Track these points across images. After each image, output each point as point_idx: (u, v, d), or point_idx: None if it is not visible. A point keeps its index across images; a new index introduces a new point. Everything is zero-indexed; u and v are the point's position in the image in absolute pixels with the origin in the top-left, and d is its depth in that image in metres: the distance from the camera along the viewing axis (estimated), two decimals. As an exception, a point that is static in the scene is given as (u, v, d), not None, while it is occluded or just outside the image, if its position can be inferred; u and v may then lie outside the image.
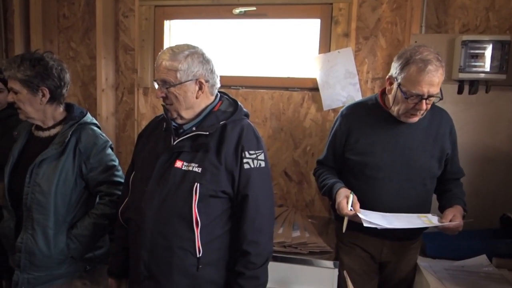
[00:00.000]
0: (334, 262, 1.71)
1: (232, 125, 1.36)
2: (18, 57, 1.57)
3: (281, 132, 2.26)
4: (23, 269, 1.58)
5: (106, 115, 2.45)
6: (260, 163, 1.35)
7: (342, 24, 2.11)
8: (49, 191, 1.55)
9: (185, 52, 1.33)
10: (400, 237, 1.62)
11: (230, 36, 2.35)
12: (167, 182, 1.31)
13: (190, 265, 1.30)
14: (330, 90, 2.13)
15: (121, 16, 2.45)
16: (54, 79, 1.58)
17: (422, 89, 1.43)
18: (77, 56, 2.57)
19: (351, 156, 1.63)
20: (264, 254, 1.34)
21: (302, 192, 2.26)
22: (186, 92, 1.33)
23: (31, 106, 1.58)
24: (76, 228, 1.61)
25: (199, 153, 1.32)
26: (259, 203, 1.33)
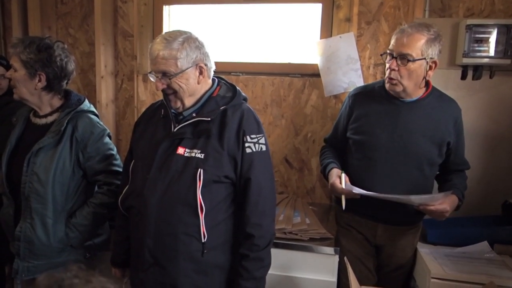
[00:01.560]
0: (335, 248, 1.71)
1: (233, 110, 1.35)
2: (29, 38, 1.58)
3: (281, 118, 2.24)
4: (22, 257, 1.59)
5: (106, 102, 2.43)
6: (261, 147, 1.36)
7: (344, 9, 2.07)
8: (46, 180, 1.55)
9: (180, 39, 1.29)
10: (395, 221, 1.64)
11: (230, 22, 2.32)
12: (170, 168, 1.31)
13: (195, 250, 1.31)
14: (332, 76, 2.10)
15: (120, 1, 2.42)
16: (55, 68, 1.58)
17: (393, 46, 1.51)
18: (76, 43, 2.54)
19: (351, 136, 1.66)
20: (267, 236, 1.36)
21: (303, 179, 2.25)
22: (188, 80, 1.32)
23: (25, 87, 1.58)
24: (75, 217, 1.61)
25: (200, 139, 1.32)
26: (262, 186, 1.34)
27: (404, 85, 1.52)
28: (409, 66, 1.48)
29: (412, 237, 1.71)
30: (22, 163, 1.56)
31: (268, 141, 2.20)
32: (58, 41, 1.65)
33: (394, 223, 1.65)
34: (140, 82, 2.43)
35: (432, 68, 1.52)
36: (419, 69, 1.49)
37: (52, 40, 1.62)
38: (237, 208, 1.38)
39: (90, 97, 2.54)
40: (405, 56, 1.48)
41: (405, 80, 1.51)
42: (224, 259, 1.37)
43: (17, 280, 1.63)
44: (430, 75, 1.53)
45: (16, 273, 1.60)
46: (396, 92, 1.55)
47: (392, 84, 1.53)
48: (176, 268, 1.31)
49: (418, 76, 1.51)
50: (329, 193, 2.21)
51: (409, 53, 1.47)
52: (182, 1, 2.33)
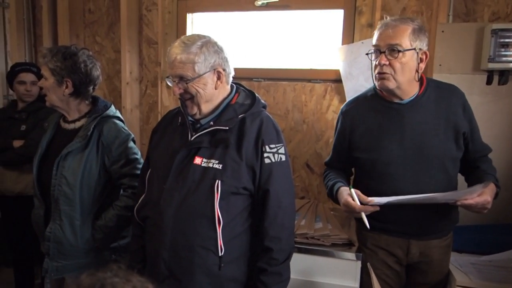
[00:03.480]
0: (357, 254, 1.69)
1: (251, 118, 1.31)
2: (56, 48, 1.66)
3: (303, 124, 2.25)
4: (52, 257, 1.64)
5: (131, 108, 2.50)
6: (280, 157, 1.31)
7: (366, 14, 2.08)
8: (74, 183, 1.60)
9: (198, 43, 1.27)
10: (428, 233, 1.51)
11: (252, 28, 2.35)
12: (187, 179, 1.28)
13: (212, 264, 1.28)
14: (354, 82, 2.10)
15: (145, 10, 2.49)
16: (80, 74, 1.63)
17: (378, 41, 1.41)
18: (102, 50, 2.63)
19: (359, 155, 1.53)
20: (287, 249, 1.32)
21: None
22: (206, 85, 1.28)
23: (55, 94, 1.64)
24: (101, 219, 1.65)
25: (218, 149, 1.28)
26: (281, 198, 1.30)
27: (398, 80, 1.40)
28: (400, 58, 1.37)
29: (447, 250, 1.57)
30: (52, 167, 1.62)
31: (289, 146, 2.25)
32: (84, 48, 1.71)
33: (427, 235, 1.51)
34: (164, 88, 2.48)
35: (423, 60, 1.42)
36: (410, 61, 1.39)
37: (78, 47, 1.68)
38: (255, 221, 1.34)
39: (116, 102, 2.62)
40: (394, 47, 1.37)
41: (399, 75, 1.39)
42: (241, 272, 1.33)
43: (47, 279, 1.69)
44: (422, 68, 1.42)
45: (46, 272, 1.66)
46: (389, 89, 1.42)
47: (384, 79, 1.40)
48: (192, 281, 1.27)
49: (411, 69, 1.40)
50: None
51: (398, 43, 1.36)
52: (205, 9, 2.38)
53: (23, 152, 2.23)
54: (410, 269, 1.59)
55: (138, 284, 0.63)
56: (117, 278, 0.62)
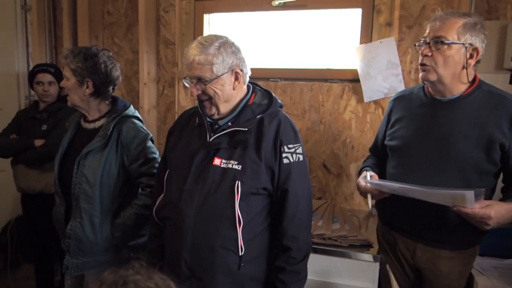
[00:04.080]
0: (375, 256, 1.68)
1: (269, 119, 1.32)
2: (78, 48, 1.70)
3: (320, 124, 2.23)
4: (72, 254, 1.67)
5: (148, 108, 2.52)
6: (298, 157, 1.32)
7: (384, 13, 2.05)
8: (94, 182, 1.62)
9: (216, 44, 1.26)
10: (436, 240, 1.44)
11: (269, 28, 2.35)
12: (206, 180, 1.28)
13: (232, 263, 1.29)
14: (372, 81, 2.08)
15: (162, 11, 2.51)
16: (100, 74, 1.66)
17: (426, 33, 1.38)
18: (121, 51, 2.66)
19: (387, 142, 1.56)
20: (304, 248, 1.33)
21: (341, 185, 2.24)
22: (224, 85, 1.29)
23: (76, 94, 1.67)
24: (120, 218, 1.67)
25: (237, 150, 1.29)
26: (299, 198, 1.31)
27: (439, 73, 1.35)
28: (444, 50, 1.33)
29: (459, 264, 1.45)
30: (73, 165, 1.65)
31: (306, 146, 2.23)
32: (104, 49, 1.73)
33: (434, 242, 1.44)
34: (181, 88, 2.50)
35: (473, 57, 1.35)
36: (456, 55, 1.33)
37: (99, 48, 1.71)
38: (273, 220, 1.35)
39: (133, 102, 2.63)
40: (438, 39, 1.33)
41: (440, 68, 1.34)
42: (260, 271, 1.35)
43: (67, 276, 1.72)
44: (470, 64, 1.35)
45: (66, 269, 1.69)
46: (431, 82, 1.39)
47: (425, 71, 1.38)
48: (213, 281, 1.29)
49: (456, 64, 1.34)
50: (368, 200, 2.18)
51: (443, 35, 1.32)
52: (221, 9, 2.39)
53: (44, 151, 2.27)
54: (419, 274, 1.54)
55: (160, 281, 0.64)
56: (139, 275, 0.63)
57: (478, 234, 1.40)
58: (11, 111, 2.66)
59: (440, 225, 1.41)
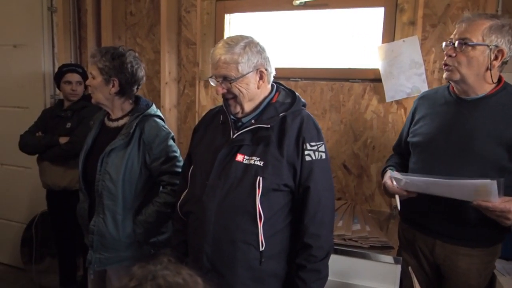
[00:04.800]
0: (396, 257, 1.66)
1: (292, 117, 1.34)
2: (105, 48, 1.73)
3: (340, 124, 2.22)
4: (95, 249, 1.70)
5: (169, 107, 2.56)
6: (321, 155, 1.33)
7: (408, 12, 2.02)
8: (117, 179, 1.65)
9: (241, 44, 1.30)
10: (455, 236, 1.45)
11: (289, 28, 2.35)
12: (229, 176, 1.31)
13: (253, 259, 1.30)
14: (394, 81, 2.05)
15: (184, 11, 2.54)
16: (126, 74, 1.69)
17: (453, 35, 1.41)
18: (143, 51, 2.71)
19: (410, 139, 1.58)
20: (326, 247, 1.33)
21: (362, 186, 2.21)
22: (248, 84, 1.32)
23: (101, 92, 1.71)
24: (142, 215, 1.70)
25: (259, 146, 1.31)
26: (321, 195, 1.31)
27: (462, 73, 1.39)
28: (467, 52, 1.36)
29: (478, 261, 1.45)
30: (96, 163, 1.68)
31: (327, 146, 2.21)
32: (131, 50, 1.77)
33: (453, 239, 1.45)
34: (202, 87, 2.52)
35: (498, 58, 1.37)
36: (480, 56, 1.36)
37: (125, 49, 1.75)
38: (295, 217, 1.36)
39: (155, 102, 2.65)
40: (463, 40, 1.36)
41: (463, 68, 1.38)
42: (281, 267, 1.36)
43: (90, 270, 1.76)
44: (495, 65, 1.37)
45: (89, 264, 1.73)
46: (454, 81, 1.42)
47: (448, 71, 1.41)
48: (234, 275, 1.31)
49: (480, 65, 1.37)
50: (389, 202, 2.15)
51: (468, 37, 1.35)
52: (242, 9, 2.40)
53: (68, 148, 2.33)
54: (438, 270, 1.55)
55: (188, 277, 0.65)
56: (168, 270, 0.64)
57: (498, 232, 1.40)
58: (37, 110, 2.74)
59: (459, 222, 1.42)
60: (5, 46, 2.96)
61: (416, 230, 1.56)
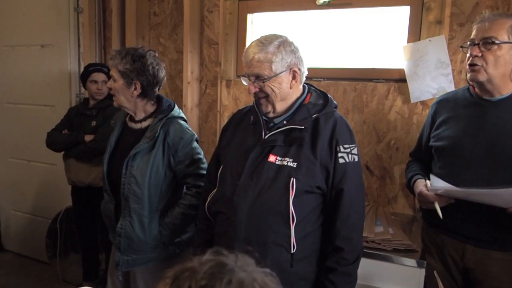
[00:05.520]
0: (420, 261, 1.63)
1: (325, 118, 1.32)
2: (125, 50, 1.71)
3: (363, 125, 2.19)
4: (123, 251, 1.71)
5: (191, 107, 2.58)
6: (354, 157, 1.32)
7: (434, 11, 1.98)
8: (143, 183, 1.64)
9: (275, 43, 1.29)
10: (487, 239, 1.41)
11: (312, 27, 2.33)
12: (261, 176, 1.29)
13: (284, 261, 1.29)
14: (419, 82, 2.01)
15: (206, 11, 2.56)
16: (148, 76, 1.67)
17: (474, 35, 1.39)
18: (166, 51, 2.74)
19: (433, 143, 1.54)
20: (357, 250, 1.32)
21: (385, 188, 2.18)
22: (281, 84, 1.31)
23: (123, 95, 1.69)
24: (167, 217, 1.70)
25: (292, 147, 1.30)
26: (354, 198, 1.30)
27: (489, 73, 1.36)
28: (494, 50, 1.34)
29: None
30: (120, 164, 1.68)
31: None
32: (150, 50, 1.74)
33: (485, 243, 1.41)
34: (224, 87, 2.53)
35: None
36: (506, 55, 1.34)
37: (145, 49, 1.72)
38: (325, 219, 1.35)
39: (177, 101, 2.69)
40: (488, 39, 1.34)
41: (491, 68, 1.35)
42: (311, 270, 1.34)
43: (118, 271, 1.78)
44: None
45: (117, 265, 1.73)
46: (479, 82, 1.39)
47: (474, 71, 1.38)
48: None
49: (507, 63, 1.35)
50: (413, 204, 2.11)
51: (493, 35, 1.33)
52: (265, 9, 2.39)
53: (93, 146, 2.38)
54: (467, 276, 1.50)
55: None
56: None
57: None
58: (62, 108, 2.82)
59: (491, 225, 1.39)
60: (33, 46, 3.05)
61: (444, 235, 1.52)
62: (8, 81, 3.22)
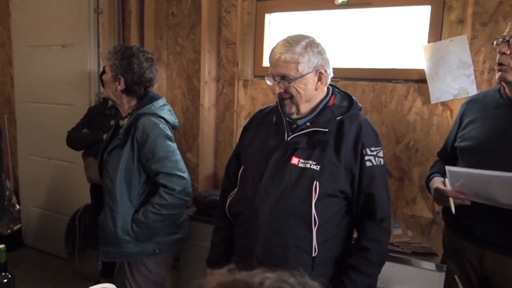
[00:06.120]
0: (439, 265, 1.60)
1: (349, 121, 1.30)
2: (119, 47, 1.78)
3: (382, 125, 2.16)
4: (102, 242, 1.77)
5: (208, 106, 2.59)
6: (380, 160, 1.30)
7: (456, 10, 1.94)
8: (114, 177, 1.68)
9: (303, 43, 1.27)
10: (506, 246, 1.36)
11: (329, 27, 2.31)
12: (283, 178, 1.28)
13: (305, 264, 1.27)
14: (440, 82, 1.98)
15: (224, 11, 2.57)
16: (132, 74, 1.71)
17: (506, 32, 1.33)
18: (183, 51, 2.76)
19: (458, 144, 1.51)
20: (383, 254, 1.31)
21: (403, 190, 2.15)
22: (307, 85, 1.28)
23: (109, 88, 1.76)
24: (137, 214, 1.69)
25: (316, 150, 1.28)
26: (385, 202, 1.30)
27: None
28: None
29: None
30: None
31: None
32: (145, 51, 1.78)
33: (504, 249, 1.36)
34: (241, 87, 2.54)
35: None
36: None
37: (140, 49, 1.77)
38: (347, 224, 1.34)
39: (194, 101, 2.74)
40: None
41: None
42: (331, 274, 1.33)
43: (99, 261, 1.82)
44: None
45: (99, 255, 1.80)
46: (508, 82, 1.35)
47: (501, 71, 1.34)
48: None
49: None
50: (432, 207, 2.08)
51: None
52: (283, 9, 2.39)
53: (112, 145, 2.41)
54: (486, 282, 1.45)
55: None
56: None
57: None
58: (82, 107, 2.87)
59: (508, 231, 1.34)
60: (55, 46, 3.11)
61: (463, 239, 1.48)
62: (30, 81, 3.29)
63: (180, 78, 2.78)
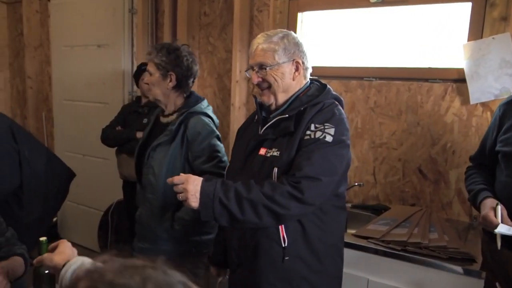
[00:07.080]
0: (478, 271, 1.54)
1: (312, 106, 1.30)
2: (160, 45, 1.77)
3: (417, 126, 2.10)
4: (138, 238, 1.78)
5: (239, 105, 2.60)
6: (325, 135, 1.22)
7: (499, 7, 1.86)
8: (159, 174, 1.67)
9: (280, 34, 1.33)
10: None
11: (364, 25, 2.27)
12: (250, 170, 1.32)
13: (276, 255, 1.29)
14: (480, 82, 1.90)
15: (256, 11, 2.57)
16: (182, 68, 1.71)
17: None
18: (214, 50, 2.78)
19: (500, 148, 1.44)
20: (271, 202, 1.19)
21: (439, 193, 2.08)
22: (284, 74, 1.32)
23: (159, 88, 1.72)
24: (179, 212, 1.69)
25: (280, 138, 1.31)
26: (312, 168, 1.20)
27: None
28: None
29: None
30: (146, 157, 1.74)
31: (400, 149, 2.13)
32: (184, 44, 1.80)
33: None
34: (271, 86, 2.53)
35: None
36: None
37: (179, 44, 1.78)
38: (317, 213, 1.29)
39: (224, 100, 2.76)
40: None
41: None
42: (311, 272, 1.31)
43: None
44: None
45: (132, 251, 1.81)
46: None
47: None
48: (259, 271, 1.31)
49: None
50: (469, 211, 2.01)
51: None
52: (316, 7, 2.36)
53: (144, 142, 2.46)
54: None
55: None
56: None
57: None
58: (116, 105, 2.94)
59: None
60: (91, 46, 3.21)
61: (509, 251, 1.38)
62: (67, 79, 3.42)
63: (211, 77, 2.81)
